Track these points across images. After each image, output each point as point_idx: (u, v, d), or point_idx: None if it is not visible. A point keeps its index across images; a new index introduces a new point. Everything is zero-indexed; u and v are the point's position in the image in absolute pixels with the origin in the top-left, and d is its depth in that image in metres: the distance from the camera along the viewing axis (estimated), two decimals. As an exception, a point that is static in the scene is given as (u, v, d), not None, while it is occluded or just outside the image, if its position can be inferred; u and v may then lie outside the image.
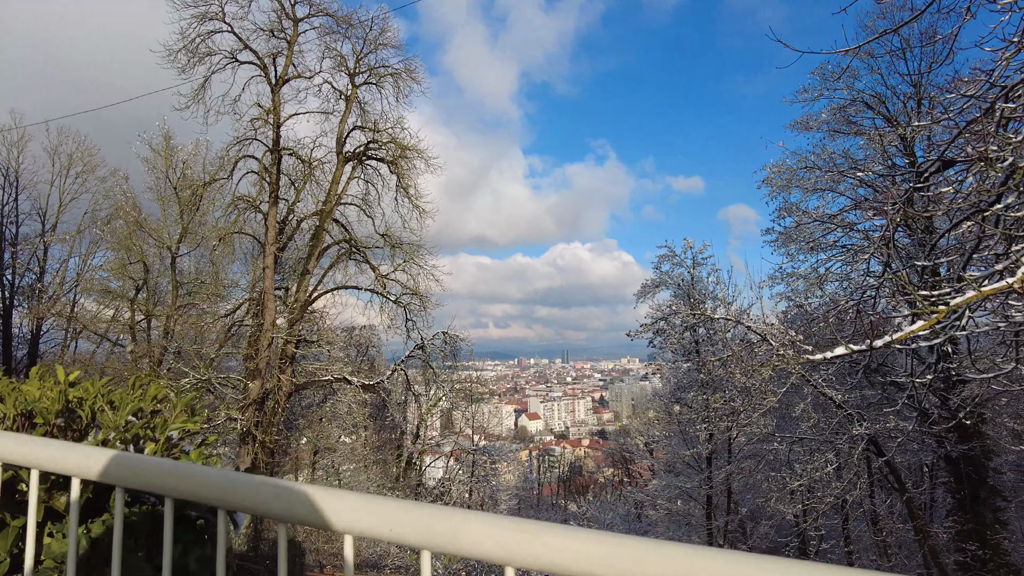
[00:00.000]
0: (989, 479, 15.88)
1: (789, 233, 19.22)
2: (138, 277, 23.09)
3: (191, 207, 20.43)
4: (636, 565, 1.04)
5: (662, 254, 23.98)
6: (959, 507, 16.87)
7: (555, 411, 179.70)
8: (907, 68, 17.37)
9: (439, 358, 23.35)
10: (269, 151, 19.23)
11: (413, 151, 21.13)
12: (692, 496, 22.58)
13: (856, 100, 17.39)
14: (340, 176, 21.03)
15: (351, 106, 21.19)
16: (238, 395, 18.61)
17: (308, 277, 20.46)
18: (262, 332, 18.70)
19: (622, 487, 60.47)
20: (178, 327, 22.19)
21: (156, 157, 22.92)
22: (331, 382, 20.84)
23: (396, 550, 20.93)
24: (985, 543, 14.93)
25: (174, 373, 19.16)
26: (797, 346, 14.94)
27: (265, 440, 17.77)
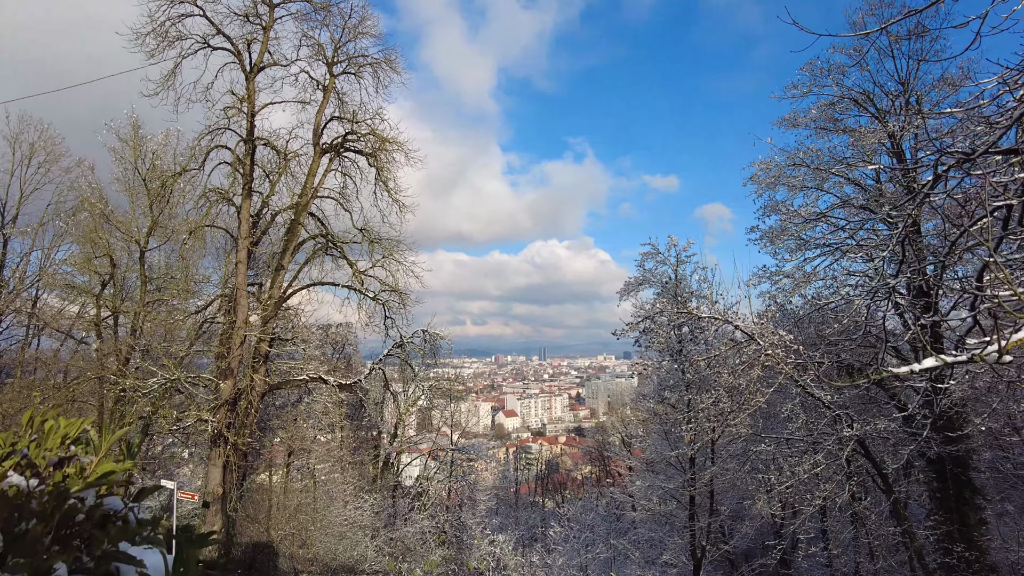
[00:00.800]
0: (974, 479, 15.86)
1: (775, 231, 19.04)
2: (104, 272, 22.11)
3: (161, 199, 19.57)
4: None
5: (646, 251, 23.69)
6: (941, 508, 16.81)
7: (532, 408, 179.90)
8: (895, 66, 17.27)
9: (419, 356, 22.77)
10: (243, 141, 18.48)
11: (393, 143, 20.52)
12: (675, 497, 22.36)
13: (844, 97, 17.22)
14: (317, 168, 20.34)
15: (328, 96, 20.50)
16: (209, 395, 17.87)
17: (283, 273, 19.76)
18: (234, 330, 17.97)
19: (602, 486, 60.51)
20: (147, 324, 21.30)
21: (124, 147, 21.96)
22: (306, 382, 20.16)
23: (373, 554, 20.37)
24: (972, 544, 14.88)
25: (142, 372, 18.34)
26: (787, 346, 14.76)
27: (238, 442, 17.07)
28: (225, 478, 17.91)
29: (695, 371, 17.68)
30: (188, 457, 31.93)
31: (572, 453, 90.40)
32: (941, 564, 14.94)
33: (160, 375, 16.69)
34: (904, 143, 16.71)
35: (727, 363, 15.87)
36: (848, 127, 18.11)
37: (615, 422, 67.35)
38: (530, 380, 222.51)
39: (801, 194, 18.65)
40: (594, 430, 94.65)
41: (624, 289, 24.16)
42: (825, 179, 17.45)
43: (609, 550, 24.85)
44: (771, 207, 19.56)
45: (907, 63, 17.13)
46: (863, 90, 17.42)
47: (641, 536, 23.53)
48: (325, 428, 23.28)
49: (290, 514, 19.77)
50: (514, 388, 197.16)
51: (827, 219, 17.98)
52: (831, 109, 17.47)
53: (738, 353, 15.79)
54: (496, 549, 22.06)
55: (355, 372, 27.36)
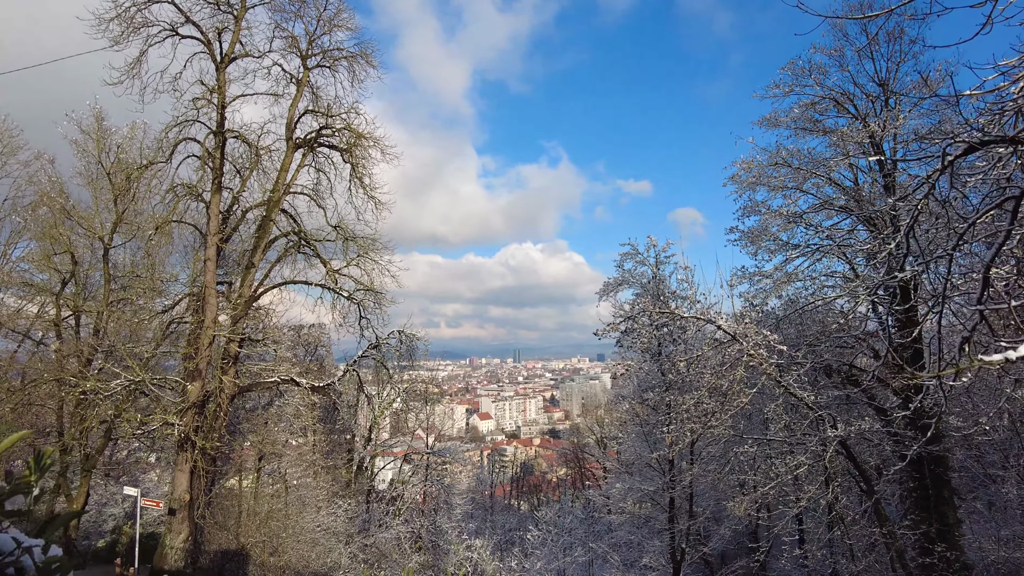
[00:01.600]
0: (952, 479, 15.92)
1: (754, 232, 18.97)
2: (65, 270, 21.19)
3: (126, 194, 18.73)
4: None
5: (625, 252, 23.54)
6: (919, 507, 16.84)
7: (506, 411, 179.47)
8: (874, 67, 17.33)
9: (394, 358, 22.22)
10: (213, 134, 17.80)
11: (368, 139, 20.00)
12: (654, 499, 22.16)
13: (825, 98, 17.21)
14: (289, 164, 19.72)
15: (302, 90, 19.90)
16: (176, 398, 17.13)
17: (253, 271, 19.10)
18: (203, 330, 17.29)
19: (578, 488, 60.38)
20: (111, 324, 20.45)
21: (87, 139, 21.06)
22: (278, 384, 19.52)
23: (347, 560, 19.78)
24: (952, 543, 14.89)
25: (105, 374, 17.52)
26: (771, 346, 14.62)
27: (206, 447, 16.39)
28: (192, 484, 17.20)
29: (676, 372, 17.47)
30: (154, 462, 30.91)
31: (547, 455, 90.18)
32: (921, 564, 14.92)
33: (124, 377, 15.93)
34: (884, 144, 16.75)
35: (709, 364, 15.68)
36: (827, 128, 18.14)
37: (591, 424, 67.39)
38: (504, 382, 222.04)
39: (780, 195, 18.61)
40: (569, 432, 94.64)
41: (603, 290, 23.99)
42: (805, 179, 17.40)
43: (587, 553, 24.58)
44: (751, 208, 19.50)
45: (886, 64, 17.20)
46: (843, 91, 17.45)
47: (620, 539, 23.30)
48: (297, 432, 22.59)
49: (261, 520, 19.11)
50: (488, 391, 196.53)
51: (806, 220, 17.96)
52: (812, 109, 17.46)
53: (721, 353, 15.62)
54: (473, 555, 21.62)
55: (328, 374, 26.68)
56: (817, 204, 17.80)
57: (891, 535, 14.81)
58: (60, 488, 21.97)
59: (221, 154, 17.85)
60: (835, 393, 16.22)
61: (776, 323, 17.72)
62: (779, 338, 14.28)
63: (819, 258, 17.93)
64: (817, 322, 18.05)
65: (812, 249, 17.42)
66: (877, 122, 15.58)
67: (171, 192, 17.78)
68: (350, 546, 20.62)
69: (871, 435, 14.49)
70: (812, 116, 18.10)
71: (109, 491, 29.50)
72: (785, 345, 14.46)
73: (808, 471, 15.52)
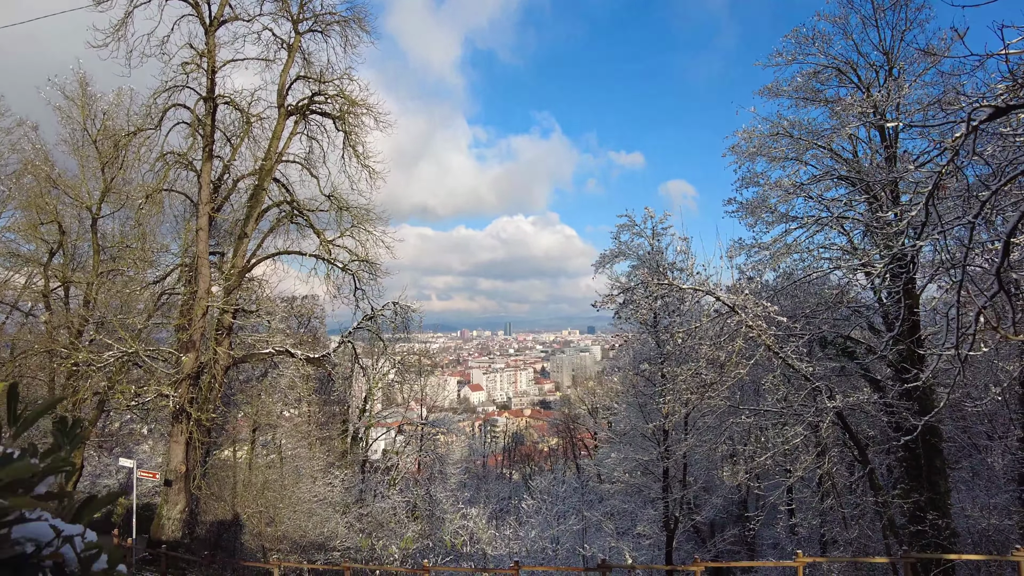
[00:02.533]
0: (943, 449, 16.12)
1: (753, 204, 18.83)
2: (53, 240, 20.74)
3: (114, 162, 18.24)
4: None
5: (622, 224, 23.40)
6: (910, 477, 17.07)
7: (497, 382, 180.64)
8: (879, 36, 17.04)
9: (389, 329, 22.11)
10: (203, 100, 17.33)
11: (362, 106, 19.56)
12: (648, 469, 22.38)
13: (829, 67, 16.95)
14: (281, 131, 19.29)
15: (294, 55, 19.37)
16: (170, 369, 16.96)
17: (246, 241, 18.80)
18: (196, 300, 17.05)
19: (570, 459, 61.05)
20: (101, 295, 20.11)
21: (71, 105, 20.41)
22: (272, 355, 19.37)
23: (344, 530, 19.89)
24: (944, 511, 15.13)
25: (97, 346, 17.28)
26: (770, 317, 14.61)
27: (201, 418, 16.28)
28: (188, 455, 17.14)
29: (674, 343, 17.46)
30: (148, 433, 30.83)
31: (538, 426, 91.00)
32: (912, 532, 15.15)
33: (117, 348, 15.72)
34: (888, 114, 16.57)
35: (708, 335, 15.67)
36: (828, 98, 17.92)
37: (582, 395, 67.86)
38: (495, 355, 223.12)
39: (780, 166, 18.43)
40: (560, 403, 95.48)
41: (599, 262, 23.87)
42: (805, 150, 17.21)
43: (581, 521, 24.89)
44: (750, 178, 19.35)
45: (891, 32, 16.92)
46: (847, 59, 17.20)
47: (614, 507, 23.56)
48: (292, 402, 22.52)
49: (257, 491, 19.11)
50: (480, 363, 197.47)
51: (806, 191, 17.82)
52: (814, 79, 17.20)
53: (719, 325, 15.60)
54: (470, 523, 21.84)
55: (322, 346, 26.57)
56: (817, 175, 17.66)
57: (884, 504, 15.02)
58: (53, 459, 21.84)
59: (212, 121, 17.41)
60: (831, 365, 16.31)
61: (773, 294, 17.71)
62: (778, 309, 14.27)
63: (818, 230, 17.86)
64: (813, 294, 18.07)
65: (812, 221, 17.34)
66: (881, 92, 15.37)
67: (161, 160, 17.35)
68: (347, 516, 20.72)
69: (867, 406, 14.56)
70: (814, 86, 17.86)
71: (103, 462, 29.46)
72: (784, 317, 14.45)
73: (803, 442, 15.66)
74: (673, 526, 21.50)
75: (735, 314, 14.91)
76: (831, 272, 18.44)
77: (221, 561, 16.01)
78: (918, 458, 16.79)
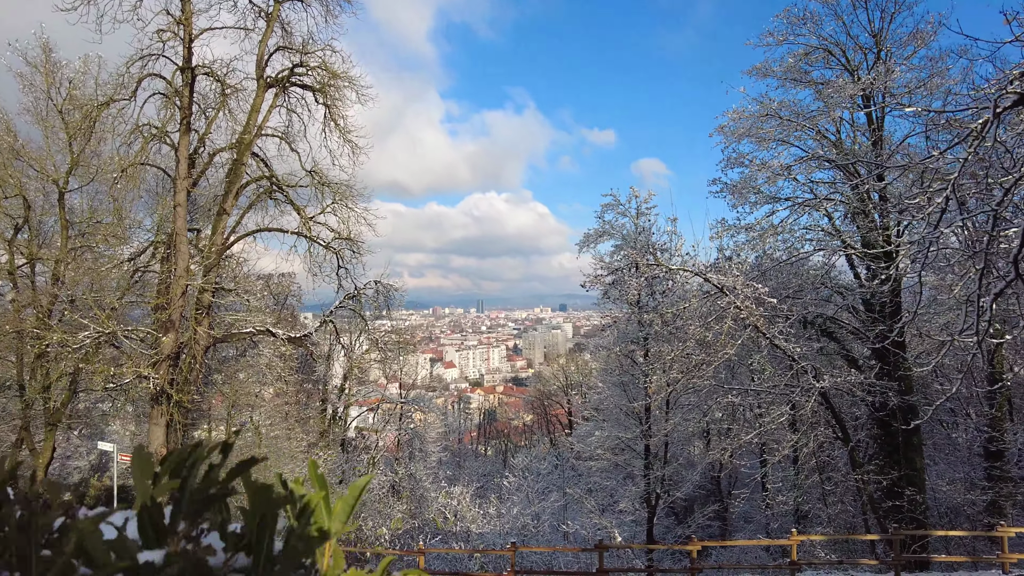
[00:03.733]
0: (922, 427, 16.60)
1: (739, 184, 18.88)
2: (17, 215, 19.82)
3: (84, 133, 17.37)
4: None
5: (606, 203, 23.31)
6: (886, 454, 17.55)
7: (470, 359, 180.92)
8: (868, 18, 17.09)
9: (371, 308, 21.78)
10: (180, 70, 16.58)
11: (344, 78, 18.97)
12: (630, 446, 22.64)
13: (819, 48, 16.97)
14: (260, 104, 18.61)
15: (272, 24, 18.62)
16: (148, 350, 16.44)
17: (225, 218, 18.22)
18: (174, 279, 16.51)
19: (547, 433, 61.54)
20: (70, 273, 19.37)
21: (34, 73, 19.37)
22: (253, 335, 18.94)
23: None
24: (920, 486, 15.63)
25: (68, 325, 16.63)
26: (759, 299, 14.73)
27: (183, 400, 15.87)
28: (168, 437, 16.74)
29: (661, 324, 17.56)
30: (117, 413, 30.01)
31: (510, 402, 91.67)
32: (891, 506, 15.62)
33: (93, 328, 15.16)
34: (876, 96, 16.71)
35: (696, 314, 15.79)
36: (816, 80, 17.98)
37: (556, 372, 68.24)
38: (468, 332, 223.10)
39: (767, 147, 18.45)
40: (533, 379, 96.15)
41: (583, 241, 23.80)
42: (792, 131, 17.27)
43: (563, 498, 25.15)
44: (736, 159, 19.38)
45: (880, 14, 16.98)
46: (836, 41, 17.24)
47: (595, 484, 23.85)
48: (271, 381, 22.09)
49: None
50: (452, 340, 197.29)
51: (792, 173, 17.91)
52: (804, 60, 17.21)
53: (708, 304, 15.72)
54: (453, 502, 21.87)
55: (301, 325, 26.12)
56: (804, 156, 17.74)
57: (864, 480, 15.45)
58: (23, 442, 21.21)
59: (190, 92, 16.69)
60: (815, 345, 16.59)
61: (758, 275, 17.85)
62: (768, 291, 14.41)
63: (803, 212, 18.02)
64: (796, 275, 18.27)
65: (798, 202, 17.48)
66: (871, 75, 15.46)
67: (137, 132, 16.62)
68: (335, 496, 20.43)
69: (854, 387, 14.85)
70: (802, 67, 17.88)
71: (72, 444, 28.69)
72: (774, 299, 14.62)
73: (787, 420, 15.97)
74: (654, 502, 21.85)
75: (723, 295, 15.02)
76: (815, 253, 18.65)
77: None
78: (892, 435, 17.27)
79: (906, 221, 16.44)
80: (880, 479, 15.61)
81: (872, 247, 17.22)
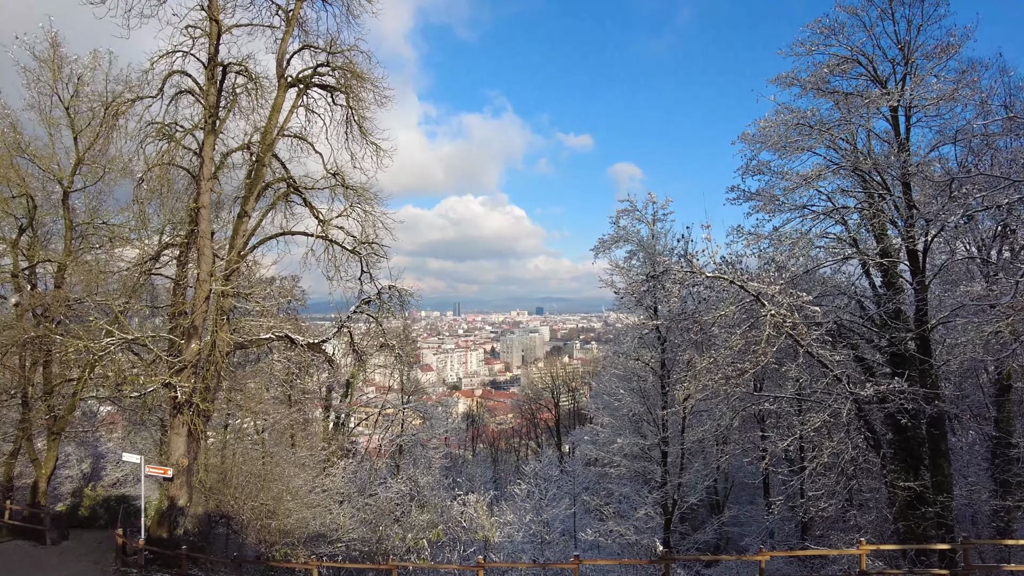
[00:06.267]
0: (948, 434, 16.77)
1: (762, 192, 18.98)
2: (21, 215, 19.03)
3: (105, 131, 16.57)
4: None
5: (622, 208, 23.34)
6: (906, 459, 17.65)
7: (448, 363, 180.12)
8: (894, 29, 17.28)
9: (388, 313, 21.37)
10: (208, 66, 16.01)
11: (367, 79, 18.58)
12: (647, 453, 22.57)
13: (849, 59, 17.09)
14: (282, 104, 18.11)
15: (293, 24, 18.16)
16: (170, 356, 15.80)
17: (246, 220, 17.69)
18: (198, 283, 15.95)
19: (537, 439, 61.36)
20: (79, 276, 18.66)
21: (42, 68, 18.64)
22: (271, 340, 18.42)
23: (348, 521, 19.24)
24: (950, 493, 15.73)
25: (91, 332, 15.83)
26: (803, 308, 14.74)
27: (208, 409, 15.32)
28: (189, 447, 16.14)
29: (699, 330, 17.46)
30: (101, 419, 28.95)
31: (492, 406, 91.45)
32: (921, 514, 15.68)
33: (117, 334, 14.52)
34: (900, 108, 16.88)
35: (734, 322, 15.73)
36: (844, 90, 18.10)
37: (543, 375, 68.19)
38: (445, 335, 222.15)
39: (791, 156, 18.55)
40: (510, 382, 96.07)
41: (598, 247, 23.80)
42: (823, 140, 17.36)
43: (575, 505, 24.98)
44: (755, 167, 19.48)
45: (906, 26, 17.18)
46: (864, 52, 17.41)
47: (608, 491, 23.70)
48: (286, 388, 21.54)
49: (258, 482, 18.18)
50: (430, 343, 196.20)
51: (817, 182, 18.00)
52: (837, 70, 17.31)
53: (745, 313, 15.68)
54: (469, 510, 21.55)
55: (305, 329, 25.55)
56: (828, 166, 17.84)
57: (896, 486, 15.51)
58: (18, 452, 20.35)
59: (218, 90, 16.16)
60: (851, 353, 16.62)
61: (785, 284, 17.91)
62: (811, 299, 14.41)
63: (825, 220, 18.12)
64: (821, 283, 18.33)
65: (828, 211, 17.58)
66: (908, 86, 15.62)
67: (162, 131, 16.00)
68: (351, 505, 20.00)
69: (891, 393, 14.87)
70: (827, 78, 18.00)
71: (64, 452, 27.68)
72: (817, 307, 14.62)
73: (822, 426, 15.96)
74: (671, 508, 21.79)
75: (762, 304, 14.99)
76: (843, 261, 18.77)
77: (238, 561, 15.17)
78: (908, 441, 17.41)
79: (934, 231, 16.69)
80: (913, 486, 15.66)
81: (888, 255, 17.44)
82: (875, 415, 17.21)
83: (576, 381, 67.95)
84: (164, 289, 20.89)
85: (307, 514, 18.54)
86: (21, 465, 21.29)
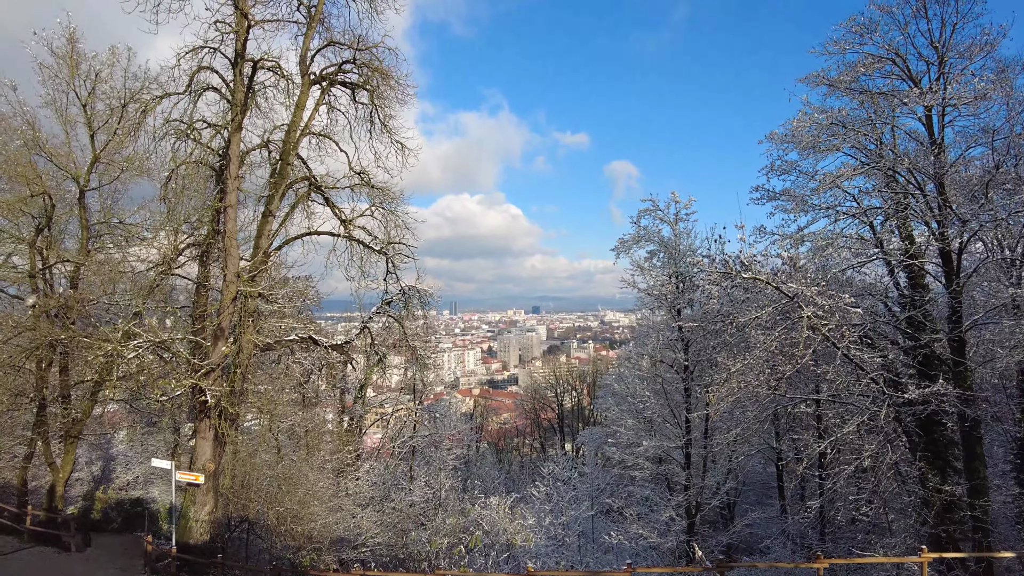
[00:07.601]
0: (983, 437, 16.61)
1: (794, 192, 18.85)
2: (39, 214, 18.63)
3: (132, 128, 16.21)
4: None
5: (644, 208, 23.18)
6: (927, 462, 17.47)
7: (445, 362, 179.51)
8: (928, 27, 17.12)
9: (411, 314, 21.11)
10: (236, 63, 15.67)
11: (392, 78, 18.29)
12: (670, 455, 22.36)
13: (884, 58, 16.92)
14: (305, 101, 17.78)
15: (316, 20, 17.83)
16: (195, 359, 15.45)
17: (271, 220, 17.36)
18: (225, 284, 15.63)
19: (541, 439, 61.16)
20: (94, 276, 18.30)
21: (59, 64, 18.22)
22: (296, 342, 18.12)
23: (371, 525, 18.94)
24: (987, 497, 15.58)
25: (115, 333, 15.47)
26: (844, 310, 14.55)
27: (237, 412, 15.00)
28: (215, 452, 15.82)
29: (734, 331, 17.25)
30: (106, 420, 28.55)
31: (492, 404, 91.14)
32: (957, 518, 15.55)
33: (144, 336, 14.19)
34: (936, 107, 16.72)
35: (768, 324, 15.53)
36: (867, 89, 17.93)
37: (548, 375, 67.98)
38: (442, 334, 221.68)
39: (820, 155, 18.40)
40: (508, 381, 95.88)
41: (619, 247, 23.66)
42: (858, 139, 17.17)
43: (596, 507, 24.74)
44: (781, 168, 19.35)
45: (940, 24, 17.03)
46: (897, 51, 17.24)
47: (632, 494, 23.49)
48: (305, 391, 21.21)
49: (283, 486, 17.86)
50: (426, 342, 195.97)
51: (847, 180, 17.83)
52: (874, 68, 17.13)
53: (779, 314, 15.48)
54: (491, 512, 21.30)
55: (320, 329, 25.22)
56: (860, 166, 17.67)
57: (935, 491, 15.35)
58: (33, 456, 19.97)
59: (246, 87, 15.81)
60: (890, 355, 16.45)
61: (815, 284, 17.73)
62: (854, 301, 14.24)
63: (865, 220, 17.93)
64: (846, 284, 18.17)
65: (859, 211, 17.42)
66: (946, 86, 15.46)
67: (190, 128, 15.66)
68: (375, 510, 19.73)
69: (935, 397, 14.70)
70: (861, 77, 17.82)
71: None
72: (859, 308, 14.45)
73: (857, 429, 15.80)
74: (695, 512, 21.60)
75: (799, 306, 14.80)
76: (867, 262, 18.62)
77: (277, 570, 14.85)
78: (934, 444, 17.26)
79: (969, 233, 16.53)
80: (948, 489, 15.51)
81: (916, 256, 17.28)
82: (907, 418, 17.09)
83: (577, 380, 67.90)
84: (176, 289, 20.57)
85: (331, 518, 18.24)
86: (34, 468, 20.94)
